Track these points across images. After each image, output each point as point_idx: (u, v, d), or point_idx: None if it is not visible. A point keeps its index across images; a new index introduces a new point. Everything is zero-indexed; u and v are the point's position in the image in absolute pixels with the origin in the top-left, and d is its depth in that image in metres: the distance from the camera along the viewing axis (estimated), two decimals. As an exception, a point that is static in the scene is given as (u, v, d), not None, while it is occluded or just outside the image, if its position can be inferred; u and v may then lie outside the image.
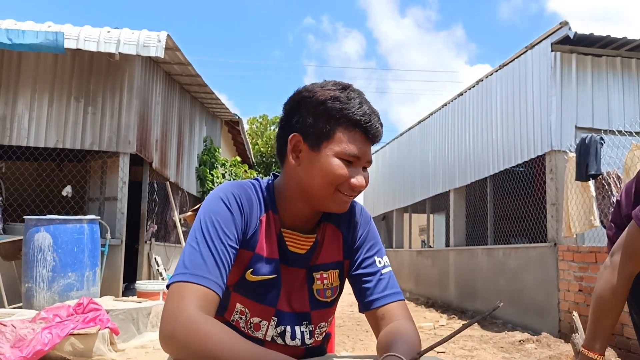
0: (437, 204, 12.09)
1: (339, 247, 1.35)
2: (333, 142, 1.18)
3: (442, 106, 10.97)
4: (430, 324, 6.78)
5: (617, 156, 5.96)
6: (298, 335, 1.31)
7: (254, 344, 1.02)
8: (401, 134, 13.95)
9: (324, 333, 1.39)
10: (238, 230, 1.20)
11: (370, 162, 1.24)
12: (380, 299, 1.29)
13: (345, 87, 1.23)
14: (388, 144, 15.01)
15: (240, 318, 1.28)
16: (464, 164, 9.69)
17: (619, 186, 5.85)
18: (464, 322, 6.98)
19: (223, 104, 10.59)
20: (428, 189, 11.59)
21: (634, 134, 5.77)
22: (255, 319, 1.28)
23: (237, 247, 1.19)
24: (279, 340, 1.30)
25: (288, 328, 1.30)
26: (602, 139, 5.85)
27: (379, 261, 1.35)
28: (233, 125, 12.84)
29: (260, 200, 1.27)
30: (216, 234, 1.15)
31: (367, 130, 1.20)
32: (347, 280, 1.41)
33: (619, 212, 1.74)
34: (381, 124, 1.24)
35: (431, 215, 12.78)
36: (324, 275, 1.33)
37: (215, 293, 1.09)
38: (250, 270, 1.24)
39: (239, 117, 12.18)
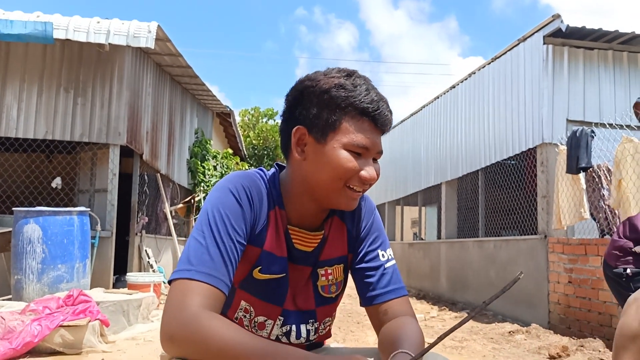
0: (429, 196, 12.11)
1: (343, 241, 1.30)
2: (340, 133, 1.12)
3: (435, 99, 10.98)
4: (421, 315, 6.80)
5: (607, 149, 5.98)
6: (303, 334, 1.28)
7: (266, 339, 0.98)
8: (393, 127, 13.95)
9: (328, 328, 1.37)
10: (247, 226, 1.15)
11: (380, 152, 1.18)
12: (383, 295, 1.25)
13: (350, 74, 1.17)
14: (380, 136, 14.99)
15: (245, 316, 1.24)
16: (455, 157, 9.71)
17: (609, 179, 5.88)
18: (457, 315, 7.01)
19: (214, 96, 10.53)
20: (420, 182, 11.61)
21: (624, 126, 5.79)
22: (260, 318, 1.24)
23: (245, 243, 1.14)
24: (284, 339, 1.27)
25: (293, 327, 1.27)
26: (593, 131, 5.87)
27: (383, 254, 1.30)
28: (225, 117, 12.78)
29: (268, 194, 1.21)
30: (225, 228, 1.10)
31: (376, 118, 1.14)
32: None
33: (634, 227, 1.75)
34: (390, 112, 1.18)
35: (423, 208, 12.81)
36: (329, 271, 1.29)
37: (222, 292, 1.05)
38: (259, 268, 1.20)
39: (230, 109, 12.13)
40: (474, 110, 9.01)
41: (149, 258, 7.79)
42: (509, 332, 5.36)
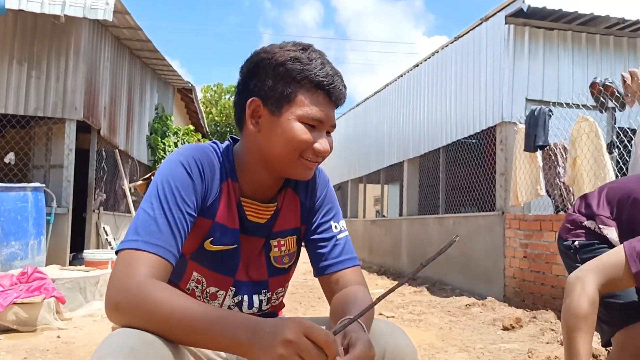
0: (392, 174, 12.22)
1: (296, 213, 1.32)
2: (295, 106, 1.13)
3: (398, 77, 11.01)
4: (381, 290, 6.91)
5: (564, 128, 6.12)
6: (256, 304, 1.29)
7: (212, 306, 0.99)
8: (357, 105, 13.97)
9: (281, 298, 1.38)
10: (198, 198, 1.15)
11: (334, 126, 1.20)
12: (335, 265, 1.28)
13: (306, 48, 1.18)
14: (344, 114, 15.02)
15: (197, 287, 1.24)
16: (418, 135, 9.80)
17: (564, 157, 6.04)
18: (416, 289, 7.15)
19: (175, 71, 10.33)
20: (383, 160, 11.69)
21: (580, 106, 5.92)
22: (212, 289, 1.25)
23: (195, 215, 1.15)
24: (236, 310, 1.28)
25: (245, 297, 1.28)
26: (550, 110, 5.99)
27: (335, 226, 1.33)
28: (186, 93, 12.56)
29: (221, 167, 1.22)
30: (174, 200, 1.10)
31: (331, 92, 1.15)
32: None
33: (588, 204, 1.79)
34: (345, 86, 1.19)
35: (385, 186, 12.93)
36: (282, 242, 1.31)
37: (169, 262, 1.05)
38: (210, 239, 1.21)
39: (192, 84, 11.92)
40: (437, 89, 9.09)
41: (107, 235, 7.66)
42: (466, 305, 5.50)
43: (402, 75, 10.80)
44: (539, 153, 6.09)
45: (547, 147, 6.07)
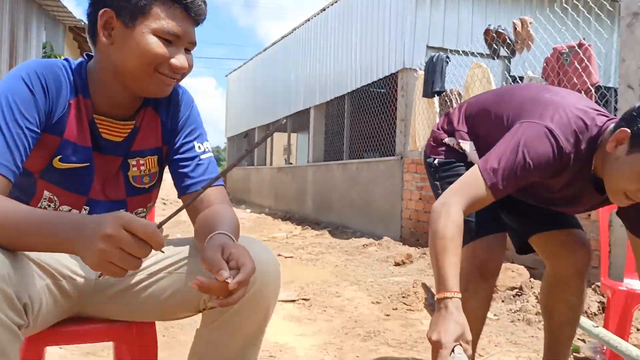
0: (301, 122, 12.19)
1: (157, 132, 1.29)
2: (150, 18, 1.10)
3: (305, 21, 10.85)
4: (283, 234, 6.98)
5: (459, 74, 6.31)
6: None
7: (43, 210, 0.97)
8: (264, 50, 13.68)
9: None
10: (40, 114, 1.11)
11: (193, 43, 1.17)
12: (197, 184, 1.27)
13: None
14: (251, 59, 14.69)
15: (49, 206, 1.20)
16: (324, 81, 9.78)
17: (459, 102, 6.25)
18: (318, 233, 7.27)
19: (64, 7, 9.56)
20: (290, 106, 11.60)
21: (476, 54, 6.12)
22: (65, 208, 1.22)
23: (39, 131, 1.10)
24: None
25: None
26: (448, 57, 6.14)
27: (199, 146, 1.31)
28: (79, 32, 11.70)
29: (70, 83, 1.16)
30: (11, 115, 1.05)
31: (189, 7, 1.12)
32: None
33: (450, 120, 1.80)
34: (205, 2, 1.16)
35: (293, 134, 12.90)
36: (141, 162, 1.28)
37: (5, 178, 1.01)
38: (59, 157, 1.16)
39: (84, 22, 11.08)
40: (343, 34, 9.05)
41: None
42: (363, 245, 5.68)
43: (309, 20, 10.65)
44: (436, 99, 6.26)
45: (444, 93, 6.25)
